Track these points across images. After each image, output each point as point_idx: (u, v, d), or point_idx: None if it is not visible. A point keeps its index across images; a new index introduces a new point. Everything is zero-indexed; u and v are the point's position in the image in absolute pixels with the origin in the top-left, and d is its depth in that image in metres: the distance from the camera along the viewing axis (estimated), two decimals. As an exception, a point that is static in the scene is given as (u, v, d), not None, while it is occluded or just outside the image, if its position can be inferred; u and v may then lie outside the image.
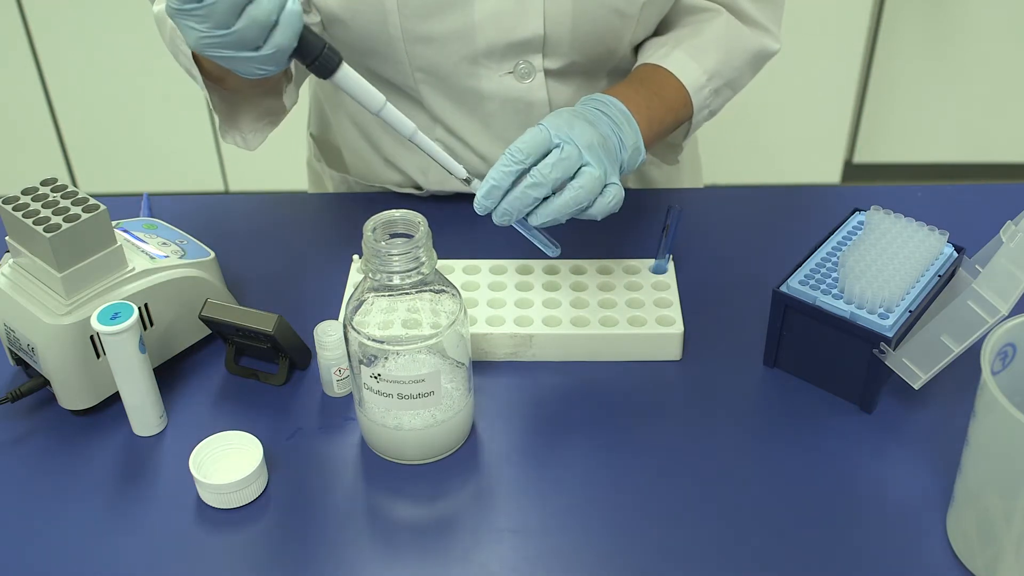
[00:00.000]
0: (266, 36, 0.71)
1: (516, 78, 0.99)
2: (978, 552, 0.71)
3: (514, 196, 0.78)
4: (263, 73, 0.74)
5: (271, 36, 0.71)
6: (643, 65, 0.99)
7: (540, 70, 0.99)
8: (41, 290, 0.83)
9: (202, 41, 0.71)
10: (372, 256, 0.73)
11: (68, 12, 2.40)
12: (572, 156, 0.78)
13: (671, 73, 0.97)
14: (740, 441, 0.83)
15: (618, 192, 0.81)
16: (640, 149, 0.88)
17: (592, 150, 0.80)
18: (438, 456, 0.81)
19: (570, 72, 1.01)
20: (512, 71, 0.98)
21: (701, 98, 0.98)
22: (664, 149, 1.08)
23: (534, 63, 0.98)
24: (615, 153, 0.85)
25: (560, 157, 0.78)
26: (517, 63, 0.98)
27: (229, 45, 0.71)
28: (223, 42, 0.71)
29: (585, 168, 0.79)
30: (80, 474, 0.81)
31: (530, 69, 0.98)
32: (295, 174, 2.59)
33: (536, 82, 0.99)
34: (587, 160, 0.79)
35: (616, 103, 0.88)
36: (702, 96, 0.98)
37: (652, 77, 0.97)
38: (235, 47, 0.71)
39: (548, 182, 0.78)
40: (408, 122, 0.79)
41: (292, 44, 0.72)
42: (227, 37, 0.70)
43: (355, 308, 0.76)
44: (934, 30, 2.49)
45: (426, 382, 0.76)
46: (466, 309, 0.78)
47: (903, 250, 0.86)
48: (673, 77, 0.97)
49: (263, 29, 0.70)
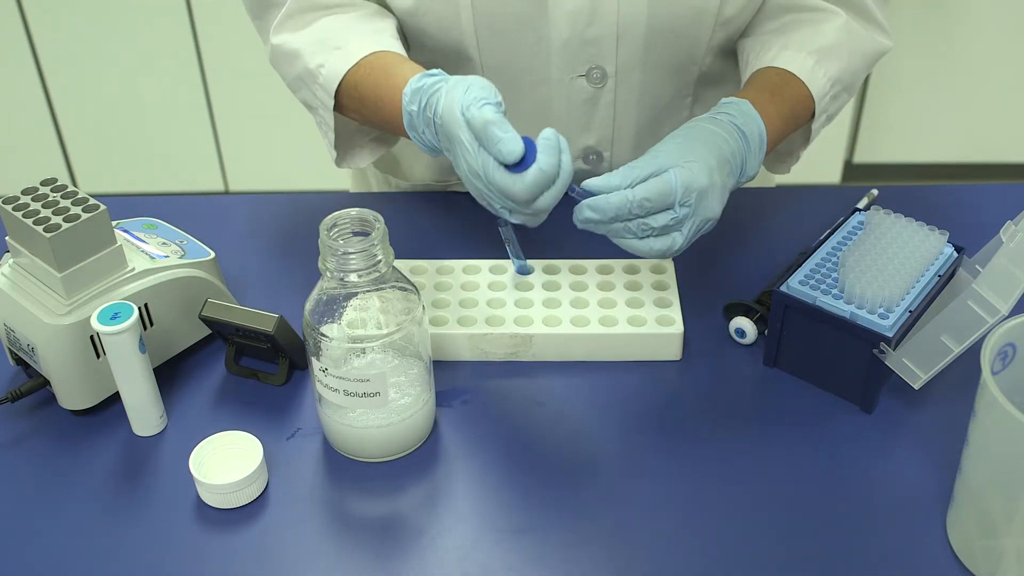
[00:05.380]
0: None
1: (588, 82, 0.98)
2: (978, 552, 0.71)
3: (610, 228, 0.79)
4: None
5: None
6: (771, 70, 0.94)
7: (612, 76, 0.97)
8: (41, 290, 0.83)
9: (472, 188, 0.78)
10: (329, 255, 0.73)
11: (68, 12, 2.40)
12: (676, 224, 0.79)
13: (801, 81, 0.93)
14: (740, 441, 0.83)
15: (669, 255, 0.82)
16: (754, 177, 0.87)
17: (702, 227, 0.80)
18: (394, 455, 0.81)
19: (643, 78, 0.99)
20: (584, 74, 0.97)
21: (823, 105, 0.95)
22: (774, 159, 1.05)
23: (607, 68, 0.97)
24: (722, 197, 0.82)
25: (667, 224, 0.78)
26: (591, 67, 0.97)
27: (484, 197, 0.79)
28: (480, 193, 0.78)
29: (675, 235, 0.80)
30: (80, 474, 0.81)
31: (603, 75, 0.97)
32: (295, 174, 2.59)
33: (607, 87, 0.98)
34: (685, 233, 0.79)
35: (759, 126, 0.86)
36: (823, 103, 0.95)
37: (785, 87, 0.93)
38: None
39: (640, 235, 0.79)
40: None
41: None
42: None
43: (314, 305, 0.76)
44: (934, 30, 2.49)
45: (371, 382, 0.76)
46: (424, 307, 0.78)
47: (903, 250, 0.86)
48: (803, 85, 0.93)
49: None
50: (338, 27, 0.94)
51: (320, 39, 0.93)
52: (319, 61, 0.92)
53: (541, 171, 0.73)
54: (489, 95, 0.76)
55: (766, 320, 0.89)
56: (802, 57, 0.94)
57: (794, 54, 0.94)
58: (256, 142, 2.60)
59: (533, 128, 1.03)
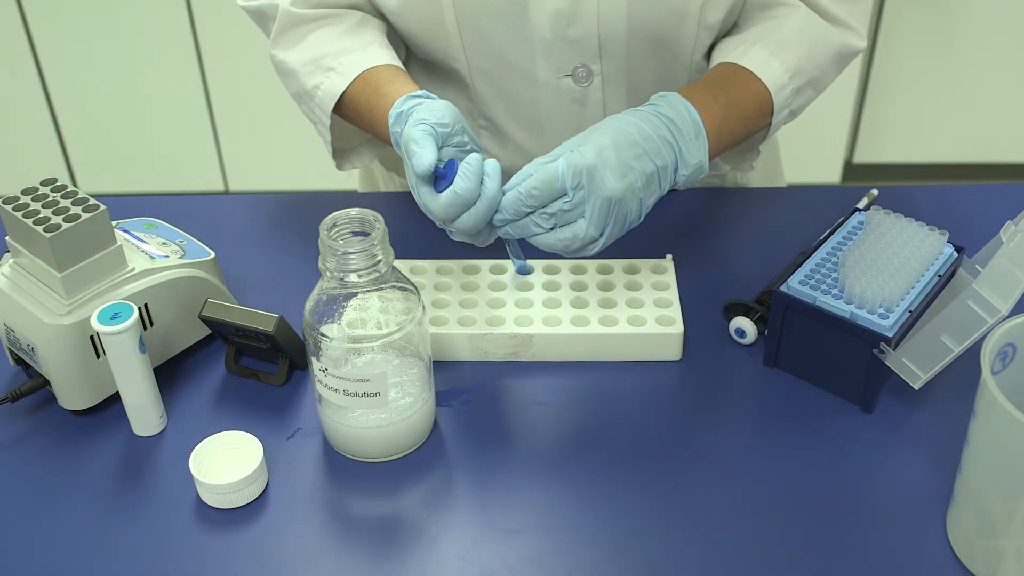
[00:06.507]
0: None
1: (574, 81, 0.98)
2: (978, 552, 0.71)
3: (518, 225, 0.81)
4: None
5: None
6: (722, 64, 0.94)
7: (598, 74, 0.98)
8: (41, 290, 0.83)
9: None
10: (329, 255, 0.73)
11: (68, 12, 2.40)
12: (575, 208, 0.79)
13: (752, 73, 0.92)
14: (740, 441, 0.83)
15: (595, 249, 0.82)
16: (703, 167, 0.85)
17: (603, 208, 0.79)
18: (394, 455, 0.81)
19: (631, 78, 0.99)
20: (570, 74, 0.97)
21: (783, 98, 0.94)
22: (737, 155, 1.03)
23: (592, 67, 0.97)
24: (620, 173, 0.80)
25: (564, 210, 0.79)
26: (576, 66, 0.97)
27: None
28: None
29: (579, 221, 0.80)
30: (80, 474, 0.81)
31: (588, 73, 0.97)
32: (295, 174, 2.59)
33: (593, 87, 0.98)
34: (588, 216, 0.79)
35: (690, 112, 0.84)
36: (784, 95, 0.93)
37: (732, 79, 0.92)
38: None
39: (547, 226, 0.80)
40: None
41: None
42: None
43: (314, 305, 0.76)
44: (934, 30, 2.49)
45: (371, 382, 0.76)
46: (424, 307, 0.78)
47: (903, 250, 0.86)
48: (754, 78, 0.92)
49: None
50: (329, 43, 0.95)
51: (313, 59, 0.96)
52: (314, 82, 0.95)
53: (455, 193, 0.78)
54: (433, 117, 0.81)
55: (766, 320, 0.89)
56: (756, 50, 0.94)
57: (748, 48, 0.94)
58: (256, 142, 2.60)
59: (526, 130, 1.04)
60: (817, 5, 0.97)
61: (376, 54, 0.94)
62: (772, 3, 0.98)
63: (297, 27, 0.97)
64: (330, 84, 0.94)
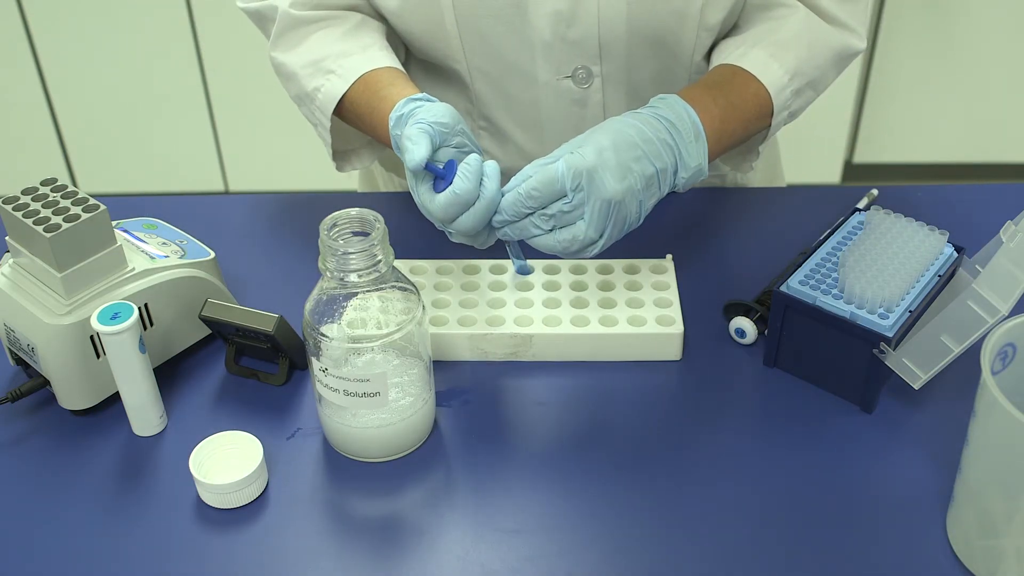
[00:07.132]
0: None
1: (574, 83, 0.98)
2: (978, 552, 0.71)
3: (517, 226, 0.81)
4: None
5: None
6: (721, 66, 0.94)
7: (598, 76, 0.97)
8: (41, 290, 0.83)
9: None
10: (329, 255, 0.73)
11: (68, 12, 2.40)
12: (575, 210, 0.79)
13: (752, 75, 0.92)
14: (740, 441, 0.83)
15: (594, 251, 0.82)
16: (703, 170, 0.85)
17: (603, 210, 0.79)
18: (394, 455, 0.81)
19: (631, 80, 0.99)
20: (570, 75, 0.97)
21: (782, 99, 0.94)
22: (737, 156, 1.03)
23: (592, 69, 0.97)
24: (620, 174, 0.80)
25: (563, 211, 0.79)
26: (576, 68, 0.97)
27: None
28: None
29: (579, 223, 0.79)
30: (80, 474, 0.81)
31: (588, 74, 0.97)
32: (295, 174, 2.59)
33: (593, 88, 0.98)
34: (587, 218, 0.79)
35: (690, 115, 0.84)
36: (783, 97, 0.94)
37: (731, 81, 0.92)
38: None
39: (547, 228, 0.80)
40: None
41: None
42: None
43: (314, 305, 0.76)
44: (934, 30, 2.49)
45: (371, 382, 0.76)
46: (424, 307, 0.78)
47: (903, 250, 0.86)
48: (754, 80, 0.92)
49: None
50: (329, 46, 0.96)
51: (313, 61, 0.96)
52: (314, 85, 0.96)
53: (454, 194, 0.78)
54: (432, 118, 0.80)
55: (766, 320, 0.89)
56: (755, 52, 0.94)
57: (748, 49, 0.94)
58: (256, 142, 2.60)
59: (526, 131, 1.04)
60: (817, 6, 0.97)
61: (376, 56, 0.94)
62: (772, 4, 0.98)
63: (297, 29, 0.98)
64: (330, 87, 0.94)
